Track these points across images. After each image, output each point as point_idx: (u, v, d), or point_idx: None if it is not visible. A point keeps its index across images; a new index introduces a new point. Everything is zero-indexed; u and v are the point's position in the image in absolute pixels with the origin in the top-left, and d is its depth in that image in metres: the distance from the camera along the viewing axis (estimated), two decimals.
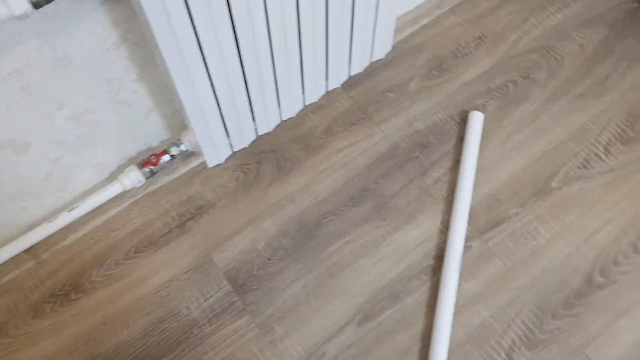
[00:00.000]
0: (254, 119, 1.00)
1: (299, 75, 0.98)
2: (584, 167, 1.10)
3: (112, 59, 0.84)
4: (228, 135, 0.99)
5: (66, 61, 0.80)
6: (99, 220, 1.06)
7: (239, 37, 0.81)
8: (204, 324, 0.98)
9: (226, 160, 1.11)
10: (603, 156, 1.11)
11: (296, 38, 0.90)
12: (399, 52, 1.23)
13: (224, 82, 0.87)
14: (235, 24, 0.79)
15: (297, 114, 1.15)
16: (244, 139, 1.02)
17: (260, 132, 1.05)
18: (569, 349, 0.95)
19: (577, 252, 1.02)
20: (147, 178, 0.99)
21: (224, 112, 0.92)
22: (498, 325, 0.97)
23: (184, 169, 1.11)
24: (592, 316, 0.97)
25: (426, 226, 1.05)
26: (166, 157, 0.99)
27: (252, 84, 0.91)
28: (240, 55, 0.85)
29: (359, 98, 1.18)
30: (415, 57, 1.23)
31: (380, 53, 1.13)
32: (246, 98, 0.93)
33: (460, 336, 0.96)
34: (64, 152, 0.93)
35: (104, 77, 0.86)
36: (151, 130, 1.01)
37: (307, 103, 1.09)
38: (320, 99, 1.17)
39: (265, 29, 0.84)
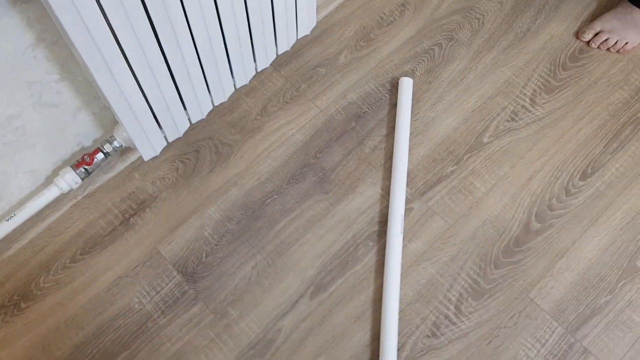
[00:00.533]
0: (185, 108, 1.00)
1: (225, 59, 0.98)
2: (513, 119, 1.14)
3: (30, 61, 0.83)
4: (160, 127, 0.99)
5: None
6: (41, 226, 1.05)
7: (156, 25, 0.81)
8: (157, 317, 0.98)
9: (163, 152, 1.10)
10: (529, 107, 1.15)
11: (216, 20, 0.89)
12: (326, 27, 1.25)
13: (148, 74, 0.86)
14: (150, 11, 0.78)
15: (230, 98, 1.15)
16: (177, 128, 1.02)
17: (194, 120, 1.05)
18: (514, 295, 0.99)
19: (513, 201, 1.07)
20: (83, 178, 0.98)
21: (152, 103, 0.92)
22: (445, 280, 1.01)
23: (121, 166, 1.10)
24: (533, 261, 1.02)
25: (368, 194, 1.08)
26: (100, 156, 0.99)
27: (177, 72, 0.91)
28: (160, 44, 0.85)
29: (291, 76, 1.19)
30: (342, 30, 1.24)
31: (305, 29, 1.14)
32: (174, 87, 0.93)
33: (410, 295, 0.99)
34: None
35: (24, 80, 0.85)
36: (82, 130, 0.99)
37: (238, 86, 1.09)
38: (251, 81, 1.18)
39: (182, 14, 0.83)
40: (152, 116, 0.95)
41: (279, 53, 1.13)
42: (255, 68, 1.09)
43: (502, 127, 1.13)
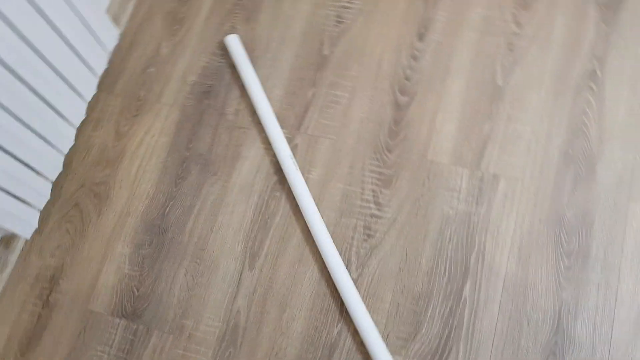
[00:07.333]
0: (36, 172, 0.97)
1: (46, 108, 0.94)
2: (339, 22, 1.18)
3: None
4: (24, 202, 0.95)
5: None
6: None
7: None
8: None
9: (45, 222, 1.06)
10: (347, 4, 1.20)
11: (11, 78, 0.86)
12: (135, 29, 1.22)
13: None
14: None
15: (79, 139, 1.12)
16: (41, 194, 0.99)
17: (54, 178, 1.02)
18: (415, 165, 1.05)
19: (375, 89, 1.11)
20: None
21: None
22: (355, 187, 1.04)
23: (13, 257, 1.05)
24: (415, 130, 1.07)
25: (252, 154, 1.09)
26: None
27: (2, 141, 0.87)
28: None
29: (126, 90, 1.17)
30: (151, 24, 1.22)
31: (111, 40, 1.11)
32: (13, 160, 0.89)
33: (333, 216, 1.03)
34: None
35: None
36: None
37: (78, 124, 1.06)
38: (91, 114, 1.14)
39: None
40: (7, 195, 0.91)
41: (100, 74, 1.11)
42: (84, 99, 1.07)
43: (334, 34, 1.17)
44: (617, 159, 1.00)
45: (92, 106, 1.15)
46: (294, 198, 1.04)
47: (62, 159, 1.04)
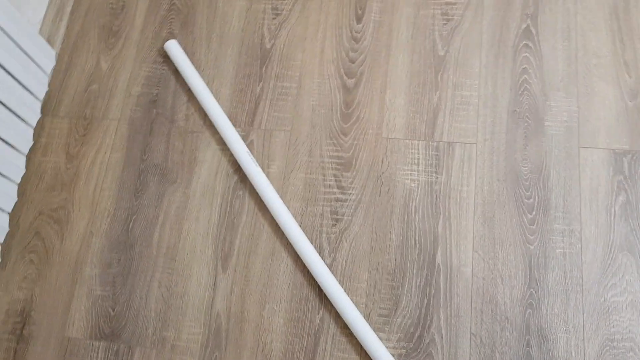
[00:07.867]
0: None
1: None
2: (276, 15, 1.18)
3: None
4: None
5: None
6: None
7: None
8: None
9: (7, 254, 1.03)
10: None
11: None
12: (71, 46, 1.19)
13: None
14: None
15: (30, 167, 1.09)
16: None
17: (9, 209, 0.99)
18: (372, 145, 1.05)
19: (322, 76, 1.12)
20: None
21: None
22: (316, 175, 1.05)
23: None
24: (367, 110, 1.08)
25: (209, 156, 1.08)
26: None
27: None
28: None
29: (71, 111, 1.14)
30: (86, 41, 1.20)
31: (48, 62, 1.09)
32: None
33: (298, 206, 1.03)
34: None
35: None
36: None
37: (26, 151, 1.03)
38: (39, 140, 1.11)
39: None
40: None
41: (42, 98, 1.08)
42: (30, 123, 1.04)
43: (273, 27, 1.17)
44: (562, 110, 1.04)
45: (38, 131, 1.12)
46: (257, 195, 1.04)
47: (15, 188, 1.01)
